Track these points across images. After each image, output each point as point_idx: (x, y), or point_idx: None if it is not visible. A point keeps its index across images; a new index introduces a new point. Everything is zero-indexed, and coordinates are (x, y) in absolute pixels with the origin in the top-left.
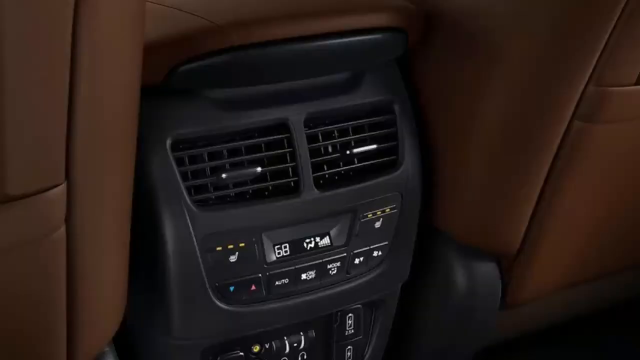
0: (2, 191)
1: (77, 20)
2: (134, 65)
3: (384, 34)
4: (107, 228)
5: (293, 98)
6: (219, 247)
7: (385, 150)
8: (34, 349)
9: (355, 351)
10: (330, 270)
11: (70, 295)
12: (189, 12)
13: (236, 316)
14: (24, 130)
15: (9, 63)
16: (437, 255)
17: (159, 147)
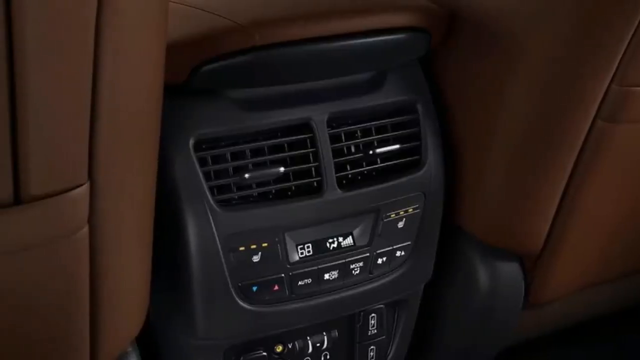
0: (25, 191)
1: (100, 21)
2: (157, 65)
3: (406, 34)
4: (130, 228)
5: (316, 98)
6: (242, 247)
7: (408, 150)
8: (57, 349)
9: (378, 351)
10: (353, 270)
11: (93, 296)
12: (212, 11)
13: (259, 316)
14: (46, 130)
15: (32, 64)
16: (459, 255)
17: (181, 147)
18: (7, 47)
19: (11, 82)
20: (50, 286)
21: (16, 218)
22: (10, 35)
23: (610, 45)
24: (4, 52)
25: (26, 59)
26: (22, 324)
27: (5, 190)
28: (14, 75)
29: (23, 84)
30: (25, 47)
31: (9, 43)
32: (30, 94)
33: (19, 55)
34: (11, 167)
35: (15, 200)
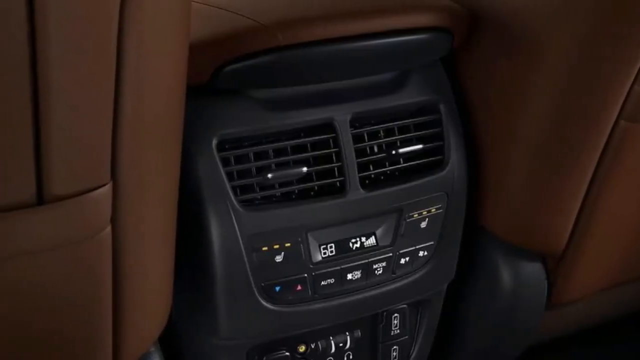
0: (48, 191)
1: (123, 20)
2: (180, 65)
3: (429, 34)
4: (153, 228)
5: (339, 98)
6: (265, 247)
7: (430, 150)
8: (80, 349)
9: (401, 351)
10: (376, 270)
11: (116, 296)
12: (235, 11)
13: (282, 316)
14: (69, 130)
15: (55, 63)
16: (482, 255)
17: (204, 147)
18: (30, 47)
19: (34, 81)
20: (73, 286)
21: (39, 218)
22: (33, 35)
23: (631, 45)
24: (27, 51)
25: (49, 58)
26: (45, 325)
27: (28, 191)
28: (36, 74)
29: (46, 84)
30: (48, 46)
31: (31, 42)
32: (53, 94)
33: (42, 55)
34: (34, 168)
35: (38, 200)
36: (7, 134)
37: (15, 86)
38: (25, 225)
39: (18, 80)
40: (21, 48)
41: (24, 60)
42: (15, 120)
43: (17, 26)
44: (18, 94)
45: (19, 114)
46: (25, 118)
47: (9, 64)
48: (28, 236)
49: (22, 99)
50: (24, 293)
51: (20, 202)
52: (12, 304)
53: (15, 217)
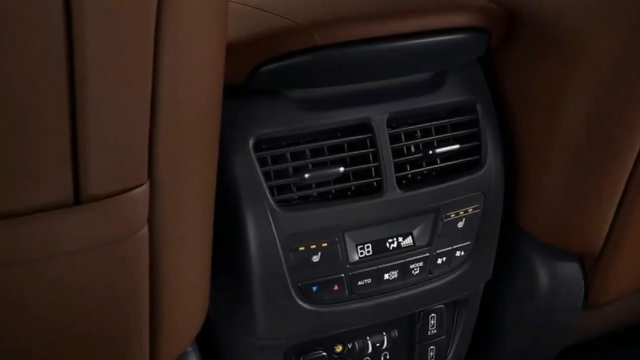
0: (85, 191)
1: (160, 20)
2: (217, 65)
3: (466, 34)
4: (190, 228)
5: (375, 98)
6: (302, 247)
7: (467, 150)
8: (117, 348)
9: (437, 351)
10: (413, 270)
11: (153, 295)
12: (271, 12)
13: (319, 316)
14: (107, 130)
15: (92, 64)
16: (519, 255)
17: (241, 147)
18: (67, 47)
19: (71, 82)
20: (111, 286)
21: (76, 218)
22: (70, 35)
23: None
24: (64, 51)
25: (86, 59)
26: (83, 324)
27: (65, 191)
28: (74, 75)
29: (83, 84)
30: (85, 47)
31: (69, 43)
32: (91, 94)
33: (79, 55)
34: (71, 168)
35: (75, 200)
36: (44, 135)
37: (52, 87)
38: (62, 225)
39: (55, 81)
40: (58, 49)
41: (61, 61)
42: (52, 121)
43: (55, 28)
44: (55, 94)
45: (56, 114)
46: (63, 119)
47: (46, 65)
48: (65, 236)
49: (60, 100)
50: (62, 293)
51: (57, 202)
52: (50, 304)
53: (53, 217)
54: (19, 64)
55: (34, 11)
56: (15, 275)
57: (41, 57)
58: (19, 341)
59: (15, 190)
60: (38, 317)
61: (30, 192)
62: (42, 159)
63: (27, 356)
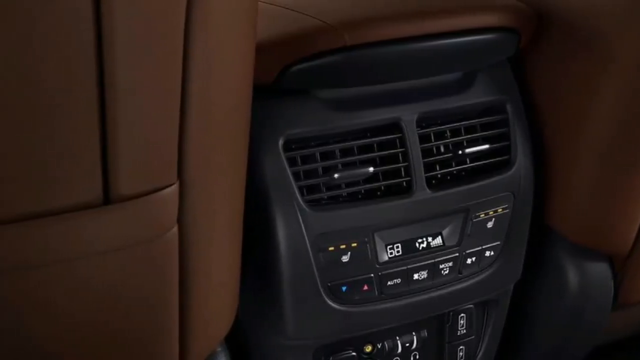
0: (115, 191)
1: (190, 20)
2: (246, 64)
3: (496, 34)
4: (220, 228)
5: (405, 98)
6: (331, 247)
7: (497, 150)
8: (147, 348)
9: (467, 351)
10: (443, 270)
11: (183, 296)
12: (301, 11)
13: (349, 316)
14: (136, 130)
15: (122, 64)
16: (549, 255)
17: (271, 147)
18: (97, 46)
19: (101, 81)
20: (140, 286)
21: (106, 218)
22: (99, 35)
23: None
24: (94, 51)
25: (115, 58)
26: (113, 324)
27: (94, 191)
28: (103, 74)
29: (113, 84)
30: (114, 46)
31: (98, 43)
32: (120, 94)
33: (109, 54)
34: (101, 168)
35: (104, 200)
36: (74, 135)
37: (82, 87)
38: (92, 225)
39: (85, 81)
40: (88, 48)
41: (90, 61)
42: (82, 121)
43: (84, 26)
44: (85, 94)
45: (85, 114)
46: (92, 118)
47: (76, 65)
48: (96, 236)
49: (89, 100)
50: (92, 293)
51: (87, 202)
52: (80, 304)
53: (83, 217)
54: (49, 65)
55: (63, 12)
56: (46, 276)
57: (71, 57)
58: (49, 341)
59: (46, 190)
60: (68, 317)
61: (60, 192)
62: (72, 159)
63: (57, 356)
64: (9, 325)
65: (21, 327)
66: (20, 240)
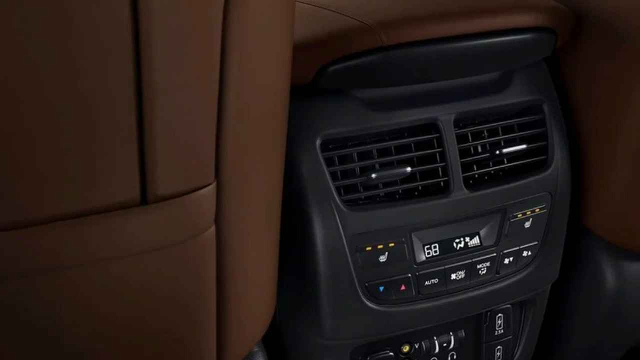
0: (152, 192)
1: (227, 20)
2: (284, 64)
3: (533, 34)
4: (257, 228)
5: (442, 98)
6: (369, 247)
7: (534, 150)
8: (184, 349)
9: (504, 351)
10: (480, 270)
11: (220, 296)
12: (338, 11)
13: (386, 316)
14: (174, 130)
15: (159, 64)
16: (586, 255)
17: (308, 147)
18: (134, 47)
19: (138, 82)
20: (178, 286)
21: (143, 218)
22: (137, 36)
23: None
24: (131, 52)
25: (153, 58)
26: (150, 325)
27: (132, 191)
28: (141, 75)
29: (150, 85)
30: (152, 46)
31: (136, 43)
32: (157, 94)
33: (146, 55)
34: (138, 168)
35: (142, 200)
36: (112, 135)
37: (119, 87)
38: (130, 225)
39: (122, 80)
40: (125, 48)
41: (128, 61)
42: (119, 121)
43: (122, 29)
44: (122, 94)
45: (123, 114)
46: (130, 119)
47: (113, 67)
48: (133, 236)
49: (127, 100)
50: (129, 293)
51: (124, 202)
52: (117, 304)
53: (120, 217)
54: (87, 65)
55: (101, 13)
56: (83, 276)
57: (108, 58)
58: (86, 341)
59: (84, 190)
60: (105, 317)
61: (98, 192)
62: (109, 159)
63: (94, 356)
64: (46, 325)
65: (58, 327)
66: (57, 240)
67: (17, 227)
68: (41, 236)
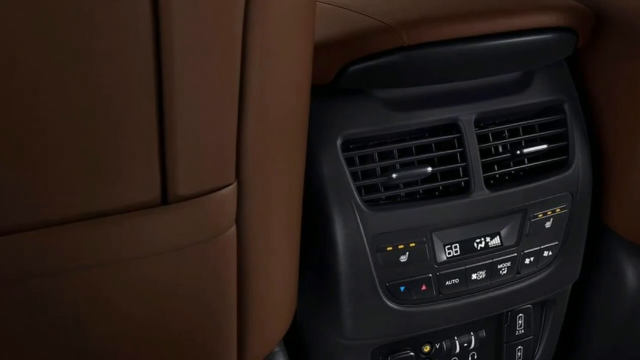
0: (173, 192)
1: (248, 19)
2: (304, 64)
3: (553, 34)
4: (277, 228)
5: (463, 98)
6: (390, 247)
7: (555, 150)
8: (205, 349)
9: (525, 351)
10: (501, 270)
11: (241, 296)
12: (359, 11)
13: (407, 316)
14: (194, 130)
15: (180, 63)
16: (607, 255)
17: (329, 147)
18: (155, 47)
19: (159, 82)
20: (198, 286)
21: (164, 218)
22: (157, 35)
23: None
24: (152, 52)
25: (174, 58)
26: (171, 324)
27: (152, 191)
28: (161, 75)
29: (171, 85)
30: (172, 46)
31: (156, 43)
32: (178, 94)
33: (167, 54)
34: (159, 168)
35: (162, 200)
36: (132, 135)
37: (140, 87)
38: (150, 225)
39: (143, 81)
40: (146, 48)
41: (148, 62)
42: (140, 121)
43: (142, 28)
44: (143, 95)
45: (144, 114)
46: (150, 119)
47: (134, 66)
48: (153, 236)
49: (148, 100)
50: (150, 293)
51: (145, 202)
52: (138, 304)
53: (141, 217)
54: (108, 65)
55: (122, 13)
56: (104, 276)
57: (129, 58)
58: (107, 340)
59: (104, 190)
60: (125, 317)
61: (118, 192)
62: (130, 159)
63: (115, 356)
64: (68, 324)
65: (79, 326)
66: (78, 240)
67: (39, 227)
68: (62, 236)
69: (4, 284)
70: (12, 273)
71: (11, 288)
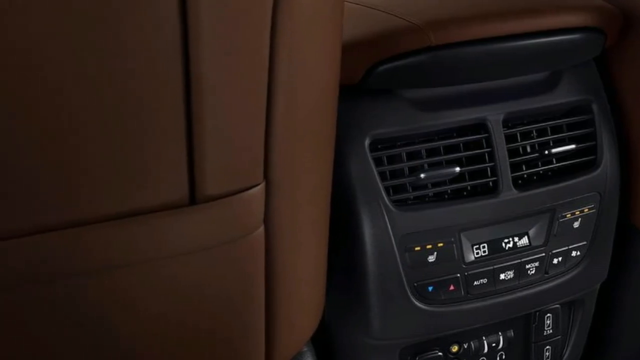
0: (201, 192)
1: (275, 21)
2: (333, 64)
3: (581, 34)
4: (306, 228)
5: (491, 98)
6: (418, 247)
7: (583, 150)
8: (233, 349)
9: (553, 351)
10: (529, 270)
11: (269, 295)
12: (387, 11)
13: (435, 316)
14: (222, 130)
15: (207, 63)
16: (635, 255)
17: (357, 147)
18: (183, 49)
19: (187, 81)
20: (226, 286)
21: (192, 218)
22: (185, 35)
23: None
24: (180, 51)
25: (201, 58)
26: (199, 324)
27: (181, 191)
28: (189, 74)
29: (199, 85)
30: (200, 48)
31: (184, 44)
32: (206, 95)
33: (195, 56)
34: (187, 168)
35: (190, 200)
36: (160, 135)
37: (168, 86)
38: (178, 225)
39: (171, 80)
40: (174, 48)
41: (176, 61)
42: (168, 121)
43: (170, 27)
44: (171, 94)
45: (172, 114)
46: (178, 118)
47: (162, 65)
48: (181, 236)
49: (175, 99)
50: (177, 293)
51: (173, 202)
52: (165, 305)
53: (169, 217)
54: (136, 65)
55: (149, 13)
56: (132, 276)
57: (157, 57)
58: (135, 341)
59: (133, 190)
60: (153, 318)
61: (146, 192)
62: (158, 159)
63: (142, 356)
64: (96, 324)
65: (107, 327)
66: (106, 240)
67: (67, 227)
68: (91, 236)
69: (31, 284)
70: (40, 273)
71: (39, 288)
